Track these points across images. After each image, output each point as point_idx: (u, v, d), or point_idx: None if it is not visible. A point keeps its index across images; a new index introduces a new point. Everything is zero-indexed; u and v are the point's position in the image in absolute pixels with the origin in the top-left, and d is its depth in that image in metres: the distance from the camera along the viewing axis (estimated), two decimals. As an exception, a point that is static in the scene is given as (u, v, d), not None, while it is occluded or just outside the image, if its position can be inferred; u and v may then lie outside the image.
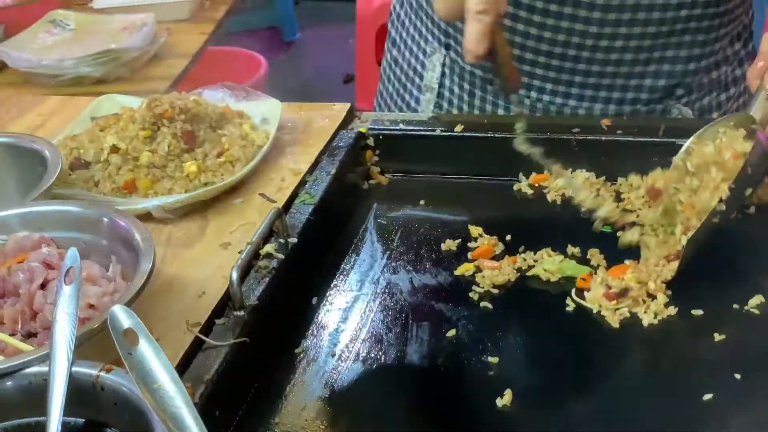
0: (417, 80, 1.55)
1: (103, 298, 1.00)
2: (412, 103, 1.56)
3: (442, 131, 1.37)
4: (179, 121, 1.26)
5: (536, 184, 1.34)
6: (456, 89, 1.50)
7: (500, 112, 1.47)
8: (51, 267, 1.04)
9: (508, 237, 1.24)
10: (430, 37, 1.52)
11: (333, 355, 1.08)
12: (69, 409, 0.84)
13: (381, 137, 1.38)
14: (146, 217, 1.21)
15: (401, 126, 1.38)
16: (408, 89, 1.57)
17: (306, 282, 1.18)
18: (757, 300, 1.10)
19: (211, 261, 1.15)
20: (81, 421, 0.89)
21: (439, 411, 1.01)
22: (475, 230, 1.26)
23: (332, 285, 1.19)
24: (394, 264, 1.22)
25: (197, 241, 1.19)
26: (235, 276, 1.04)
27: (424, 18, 1.52)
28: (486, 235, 1.24)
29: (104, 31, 2.27)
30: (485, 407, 0.99)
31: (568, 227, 1.26)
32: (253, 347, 1.03)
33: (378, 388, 1.04)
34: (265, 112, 1.37)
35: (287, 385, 1.05)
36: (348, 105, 1.44)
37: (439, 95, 1.52)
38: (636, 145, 1.31)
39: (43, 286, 1.02)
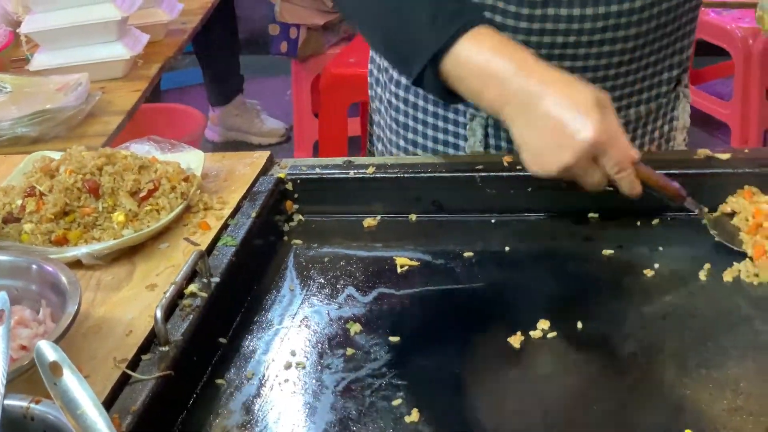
0: (452, 151, 1.56)
1: (34, 339, 1.08)
2: None
3: (355, 173, 1.46)
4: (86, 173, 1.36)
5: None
6: (503, 144, 1.52)
7: None
8: (-16, 313, 1.11)
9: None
10: (463, 106, 1.51)
11: (254, 384, 1.16)
12: (2, 439, 0.91)
13: (299, 181, 1.47)
14: (76, 264, 1.29)
15: (317, 170, 1.47)
16: None
17: (229, 318, 1.26)
18: None
19: (138, 302, 1.22)
20: (13, 451, 0.96)
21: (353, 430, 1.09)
22: (400, 260, 1.36)
23: (254, 320, 1.27)
24: (312, 298, 1.31)
25: (125, 284, 1.27)
26: (159, 314, 1.12)
27: None
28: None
29: (40, 92, 2.33)
30: (397, 425, 1.08)
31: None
32: (178, 380, 1.11)
33: (297, 412, 1.12)
34: (189, 162, 1.45)
35: (211, 414, 1.12)
36: (268, 153, 1.53)
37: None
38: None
39: (-24, 331, 1.09)
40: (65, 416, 0.87)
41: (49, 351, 0.89)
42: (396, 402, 1.11)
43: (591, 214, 1.41)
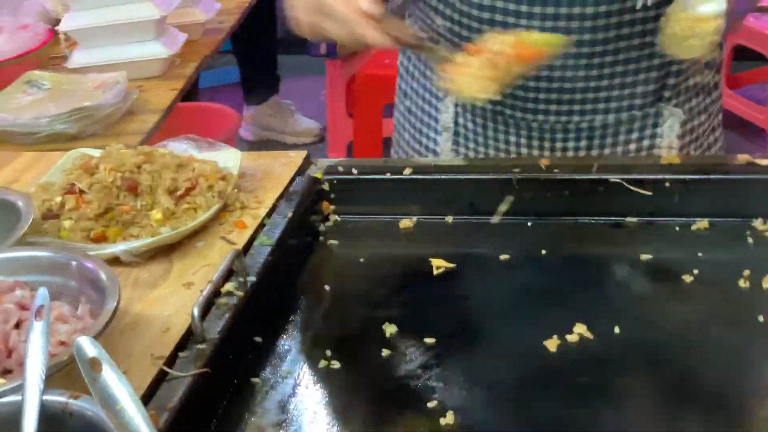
0: (433, 123, 1.64)
1: (73, 335, 1.08)
2: (431, 145, 1.65)
3: (391, 175, 1.46)
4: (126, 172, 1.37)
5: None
6: (470, 125, 1.60)
7: (512, 139, 1.56)
8: (24, 308, 1.12)
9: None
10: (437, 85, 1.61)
11: (289, 384, 1.16)
12: (41, 434, 0.92)
13: (335, 181, 1.47)
14: (114, 261, 1.29)
15: (354, 171, 1.47)
16: (425, 133, 1.67)
17: (264, 317, 1.26)
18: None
19: (175, 300, 1.23)
20: (51, 446, 0.97)
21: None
22: (436, 262, 1.35)
23: (289, 319, 1.28)
24: (347, 299, 1.31)
25: (162, 282, 1.27)
26: (196, 312, 1.12)
27: (433, 66, 1.58)
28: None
29: (78, 89, 2.34)
30: (432, 427, 1.08)
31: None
32: (214, 377, 1.11)
33: (331, 413, 1.12)
34: (226, 161, 1.46)
35: (246, 412, 1.12)
36: (305, 152, 1.54)
37: (456, 133, 1.61)
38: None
39: (17, 326, 1.10)
40: (104, 412, 0.87)
41: (89, 347, 0.90)
42: (431, 404, 1.10)
43: (629, 219, 1.40)
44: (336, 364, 1.18)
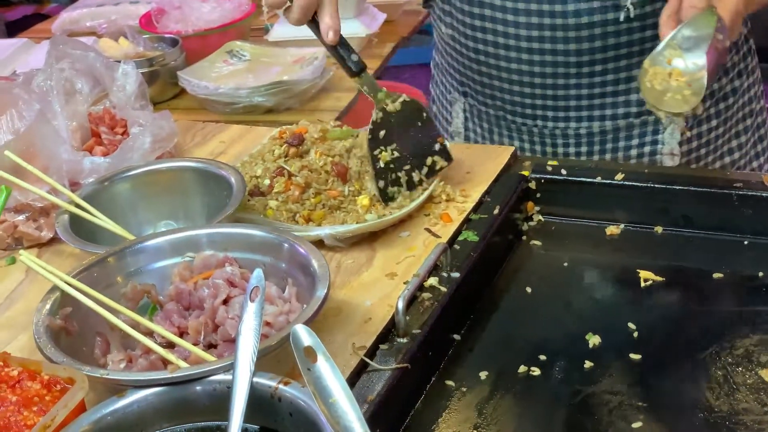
0: (448, 128, 1.75)
1: (279, 317, 1.08)
2: None
3: (602, 179, 1.41)
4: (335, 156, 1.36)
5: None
6: (479, 129, 1.68)
7: (516, 144, 1.62)
8: (233, 285, 1.13)
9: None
10: (451, 89, 1.71)
11: (486, 387, 1.13)
12: (248, 415, 0.92)
13: (542, 181, 1.43)
14: (317, 244, 1.28)
15: (563, 172, 1.43)
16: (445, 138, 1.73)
17: (464, 315, 1.24)
18: None
19: (378, 289, 1.22)
20: (256, 428, 0.97)
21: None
22: (644, 273, 1.30)
23: (489, 319, 1.25)
24: (567, 304, 1.28)
25: (365, 269, 1.26)
26: (401, 305, 1.11)
27: (445, 72, 1.72)
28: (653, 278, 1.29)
29: (277, 63, 2.37)
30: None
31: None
32: (414, 373, 1.10)
33: (530, 422, 1.09)
34: (433, 150, 1.43)
35: (443, 412, 1.10)
36: (512, 148, 1.50)
37: (466, 138, 1.71)
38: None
39: (225, 302, 1.11)
40: (317, 403, 0.86)
41: (305, 335, 0.89)
42: (636, 425, 1.06)
43: None
44: (536, 371, 1.15)
